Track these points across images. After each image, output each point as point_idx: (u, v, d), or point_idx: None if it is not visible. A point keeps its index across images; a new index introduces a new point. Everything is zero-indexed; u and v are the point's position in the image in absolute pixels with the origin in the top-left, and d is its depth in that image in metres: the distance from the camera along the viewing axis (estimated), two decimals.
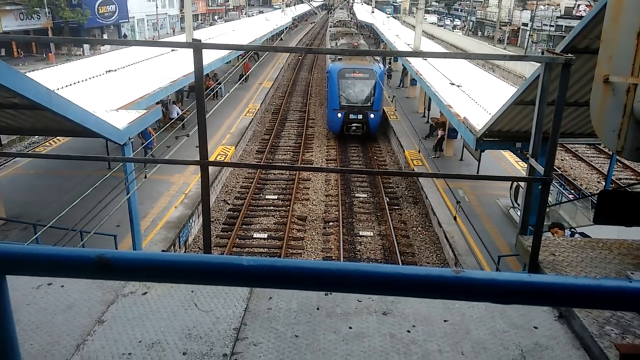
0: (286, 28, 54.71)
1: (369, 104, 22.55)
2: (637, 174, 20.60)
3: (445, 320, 3.25)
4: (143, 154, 15.11)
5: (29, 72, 15.84)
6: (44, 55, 42.42)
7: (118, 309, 3.23)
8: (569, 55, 3.67)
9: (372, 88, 22.44)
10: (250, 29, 39.31)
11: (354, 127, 22.68)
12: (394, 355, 2.91)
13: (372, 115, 22.61)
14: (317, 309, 3.31)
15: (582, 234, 8.12)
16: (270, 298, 3.40)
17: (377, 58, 25.71)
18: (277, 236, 14.65)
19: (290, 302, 3.36)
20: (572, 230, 8.57)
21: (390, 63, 36.38)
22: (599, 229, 8.18)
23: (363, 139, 23.28)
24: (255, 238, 14.61)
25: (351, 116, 22.50)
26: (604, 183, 18.93)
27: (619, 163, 20.85)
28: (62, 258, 1.05)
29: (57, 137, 18.76)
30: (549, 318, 3.38)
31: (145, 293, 3.40)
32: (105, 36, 50.78)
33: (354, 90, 22.49)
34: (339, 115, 22.55)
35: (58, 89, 12.69)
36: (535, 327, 3.25)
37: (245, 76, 31.64)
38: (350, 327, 3.13)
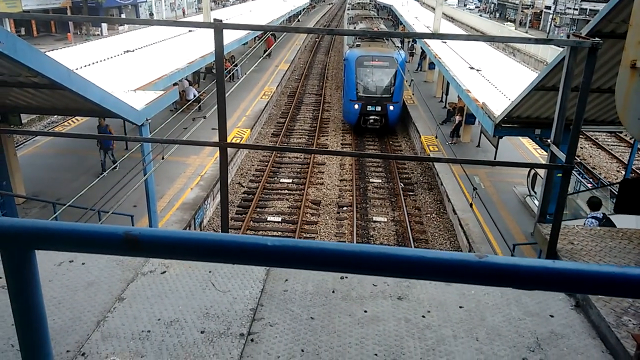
0: (304, 9, 54.18)
1: (388, 95, 21.10)
2: None
3: (460, 307, 3.25)
4: (103, 155, 14.45)
5: (49, 51, 15.99)
6: (64, 35, 42.71)
7: (137, 287, 3.29)
8: (596, 39, 3.58)
9: (392, 77, 20.99)
10: (268, 9, 39.02)
11: (371, 120, 21.33)
12: (408, 340, 2.93)
13: (391, 107, 21.12)
14: (333, 292, 3.33)
15: (607, 221, 7.81)
16: (286, 280, 3.44)
17: (398, 44, 24.61)
18: (291, 220, 14.72)
19: (306, 285, 3.39)
20: (594, 216, 8.24)
21: (413, 41, 35.87)
22: (618, 218, 8.03)
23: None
24: (269, 221, 14.71)
25: (369, 108, 21.06)
26: (623, 172, 18.59)
27: (639, 152, 20.42)
28: (90, 234, 1.07)
29: (76, 117, 18.99)
30: (566, 307, 3.36)
31: (164, 272, 3.45)
32: (123, 16, 50.85)
33: (372, 79, 21.09)
34: (356, 106, 21.10)
35: (77, 69, 12.80)
36: (552, 316, 3.24)
37: (269, 51, 31.41)
38: (366, 311, 3.15)
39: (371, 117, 21.30)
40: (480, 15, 66.96)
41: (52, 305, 3.07)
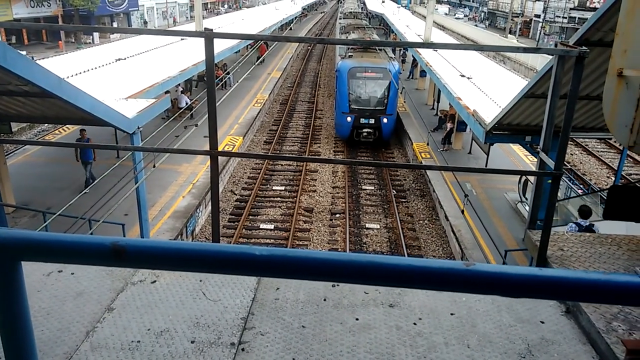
0: (296, 17, 54.46)
1: (382, 107, 20.49)
2: None
3: (451, 314, 3.26)
4: (84, 168, 13.92)
5: (40, 59, 15.92)
6: (55, 43, 42.57)
7: (127, 297, 3.26)
8: (583, 48, 3.63)
9: (386, 89, 20.35)
10: (260, 18, 39.16)
11: (364, 133, 20.67)
12: (400, 347, 2.92)
13: (385, 120, 20.47)
14: (324, 300, 3.32)
15: (590, 227, 7.95)
16: (278, 289, 3.43)
17: (391, 55, 24.15)
18: (284, 227, 14.70)
19: (298, 293, 3.38)
20: (578, 222, 8.35)
21: (404, 49, 36.18)
22: (608, 224, 8.10)
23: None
24: (262, 229, 14.67)
25: (362, 120, 20.43)
26: (613, 178, 18.78)
27: (629, 158, 20.67)
28: (77, 245, 1.06)
29: (67, 126, 18.88)
30: (556, 313, 3.37)
31: (154, 282, 3.43)
32: (115, 24, 50.81)
33: (365, 91, 20.49)
34: (349, 119, 20.46)
35: (68, 77, 12.75)
36: (542, 322, 3.25)
37: (262, 58, 31.51)
38: (357, 319, 3.15)
39: (364, 130, 20.67)
40: (476, 26, 66.98)
41: (41, 315, 3.04)
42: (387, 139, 21.50)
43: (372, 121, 20.51)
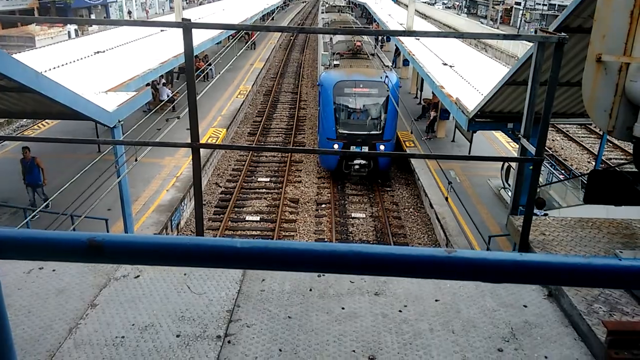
0: (277, 7, 53.93)
1: (377, 132, 16.34)
2: (627, 154, 20.79)
3: (436, 300, 3.29)
4: (32, 194, 12.30)
5: (16, 53, 15.54)
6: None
7: (110, 293, 3.23)
8: (562, 34, 3.66)
9: (382, 108, 16.26)
10: (241, 8, 38.72)
11: (356, 166, 16.19)
12: (386, 335, 2.95)
13: (382, 147, 16.29)
14: (310, 290, 3.33)
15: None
16: (263, 280, 3.42)
17: (388, 63, 20.59)
18: (270, 219, 14.68)
19: (283, 284, 3.38)
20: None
21: (386, 39, 36.26)
22: (589, 208, 8.27)
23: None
24: (247, 221, 14.63)
25: (353, 149, 16.17)
26: (594, 163, 19.09)
27: (609, 143, 21.02)
28: (52, 242, 1.04)
29: (46, 120, 18.52)
30: (539, 297, 3.43)
31: (138, 276, 3.40)
32: (92, 16, 49.76)
33: (356, 111, 16.39)
34: (336, 147, 16.20)
35: (46, 71, 12.48)
36: (525, 306, 3.30)
37: (252, 40, 30.97)
38: (343, 308, 3.16)
39: (356, 161, 16.22)
40: (481, 23, 65.65)
41: (22, 314, 2.99)
42: (384, 170, 17.21)
43: (365, 149, 16.21)
